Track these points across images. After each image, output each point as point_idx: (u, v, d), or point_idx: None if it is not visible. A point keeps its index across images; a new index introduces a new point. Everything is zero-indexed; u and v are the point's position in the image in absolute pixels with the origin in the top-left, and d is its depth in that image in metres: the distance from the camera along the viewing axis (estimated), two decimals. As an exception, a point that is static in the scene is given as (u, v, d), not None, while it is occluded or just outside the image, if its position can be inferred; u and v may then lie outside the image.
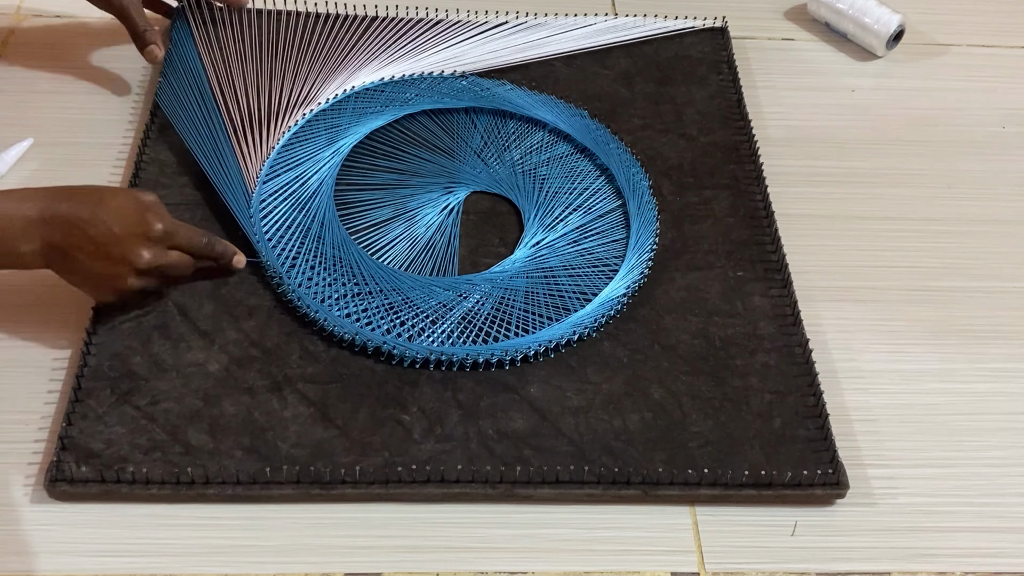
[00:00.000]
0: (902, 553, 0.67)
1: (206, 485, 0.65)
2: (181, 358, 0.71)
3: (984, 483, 0.71)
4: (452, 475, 0.67)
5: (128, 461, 0.66)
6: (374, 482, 0.66)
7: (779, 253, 0.81)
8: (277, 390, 0.70)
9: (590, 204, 0.85)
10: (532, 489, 0.67)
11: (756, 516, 0.68)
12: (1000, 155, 0.94)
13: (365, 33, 0.95)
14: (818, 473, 0.68)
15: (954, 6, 1.07)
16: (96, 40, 0.94)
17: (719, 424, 0.71)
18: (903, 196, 0.89)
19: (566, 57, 0.96)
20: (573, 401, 0.71)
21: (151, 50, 0.86)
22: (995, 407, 0.75)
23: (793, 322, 0.77)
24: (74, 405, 0.68)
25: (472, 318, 0.75)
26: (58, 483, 0.65)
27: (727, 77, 0.96)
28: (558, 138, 0.90)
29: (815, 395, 0.73)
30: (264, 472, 0.66)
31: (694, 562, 0.66)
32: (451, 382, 0.72)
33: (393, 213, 0.83)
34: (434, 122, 0.90)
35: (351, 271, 0.77)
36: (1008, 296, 0.83)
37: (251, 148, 0.84)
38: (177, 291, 0.75)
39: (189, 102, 0.87)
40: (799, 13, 1.05)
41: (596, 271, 0.80)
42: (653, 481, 0.68)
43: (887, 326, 0.80)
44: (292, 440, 0.68)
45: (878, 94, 0.99)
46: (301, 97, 0.89)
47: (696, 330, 0.76)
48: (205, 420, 0.68)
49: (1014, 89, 1.00)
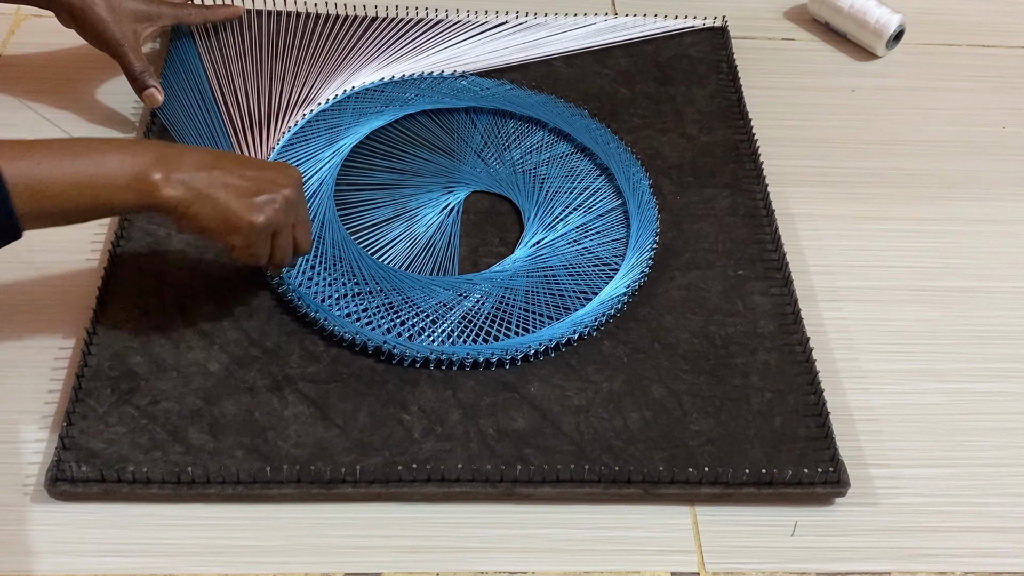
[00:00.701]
0: (902, 553, 0.67)
1: (207, 485, 0.65)
2: (182, 358, 0.71)
3: (984, 483, 0.71)
4: (452, 474, 0.67)
5: (129, 461, 0.66)
6: (374, 481, 0.66)
7: (779, 252, 0.81)
8: (277, 390, 0.70)
9: (590, 203, 0.85)
10: (532, 488, 0.67)
11: (756, 516, 0.68)
12: (1000, 155, 0.94)
13: (365, 33, 0.95)
14: (819, 472, 0.68)
15: (954, 6, 1.07)
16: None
17: (720, 423, 0.71)
18: (903, 196, 0.89)
19: (566, 57, 0.96)
20: (573, 400, 0.71)
21: (150, 93, 0.84)
22: (995, 407, 0.75)
23: (794, 321, 0.77)
24: (75, 405, 0.68)
25: (472, 317, 0.75)
26: (59, 483, 0.65)
27: (727, 76, 0.96)
28: (558, 138, 0.90)
29: (816, 393, 0.72)
30: (265, 472, 0.65)
31: (694, 562, 0.66)
32: (451, 381, 0.72)
33: (393, 213, 0.83)
34: (434, 122, 0.90)
35: (351, 271, 0.77)
36: (1008, 296, 0.83)
37: (251, 149, 0.84)
38: (177, 291, 0.75)
39: (189, 102, 0.87)
40: (799, 13, 1.05)
41: (596, 270, 0.80)
42: (654, 480, 0.68)
43: (887, 326, 0.80)
44: (292, 440, 0.68)
45: (878, 94, 0.99)
46: (301, 97, 0.89)
47: (696, 329, 0.76)
48: (206, 420, 0.68)
49: (1014, 89, 1.00)
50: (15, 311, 0.74)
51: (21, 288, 0.75)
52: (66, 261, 0.77)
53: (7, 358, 0.72)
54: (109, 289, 0.74)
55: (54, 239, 0.78)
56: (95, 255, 0.78)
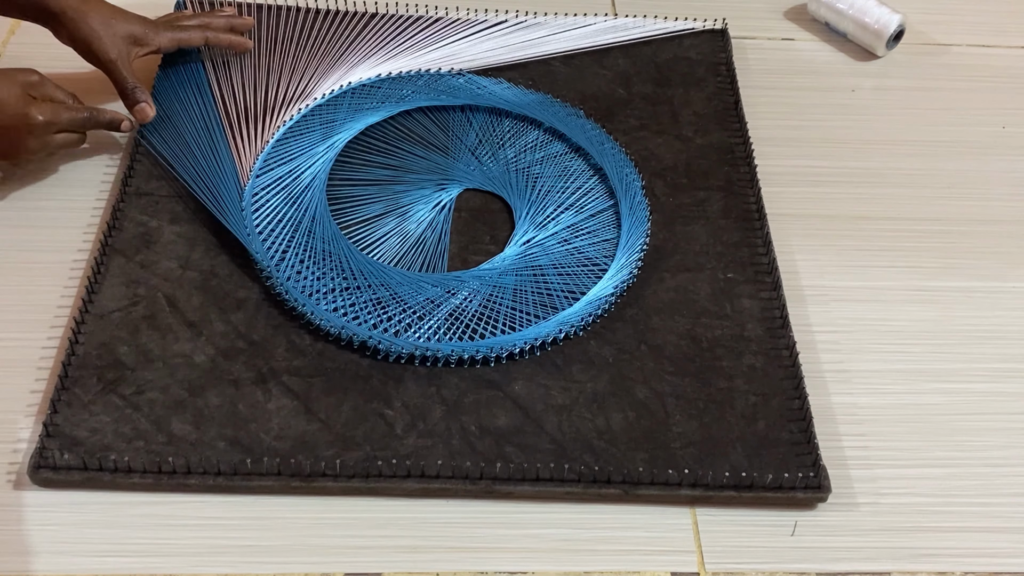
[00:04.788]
0: (902, 553, 0.67)
1: (187, 475, 0.66)
2: (168, 349, 0.72)
3: (984, 483, 0.71)
4: (433, 470, 0.67)
5: (111, 449, 0.66)
6: (355, 475, 0.67)
7: (770, 255, 0.81)
8: (262, 382, 0.71)
9: (582, 203, 0.85)
10: (512, 486, 0.67)
11: (756, 516, 0.68)
12: (1000, 155, 0.93)
13: (363, 29, 0.96)
14: (799, 476, 0.68)
15: (954, 6, 1.07)
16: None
17: (703, 425, 0.71)
18: (903, 196, 0.89)
19: (564, 57, 0.96)
20: (557, 399, 0.71)
21: (141, 108, 0.83)
22: (995, 407, 0.75)
23: (781, 324, 0.77)
24: (60, 393, 0.68)
25: (459, 315, 0.75)
26: (41, 470, 0.65)
27: (725, 79, 0.96)
28: (553, 137, 0.90)
29: (800, 398, 0.72)
30: (245, 463, 0.66)
31: (694, 562, 0.66)
32: (436, 378, 0.72)
33: (385, 209, 0.83)
34: (430, 119, 0.90)
35: (340, 266, 0.77)
36: (1008, 296, 0.82)
37: (246, 142, 0.85)
38: (167, 283, 0.75)
39: (186, 95, 0.88)
40: (799, 13, 1.05)
41: (585, 270, 0.79)
42: (633, 480, 0.67)
43: (887, 326, 0.79)
44: (275, 432, 0.68)
45: (878, 94, 0.98)
46: (297, 92, 0.89)
47: (683, 331, 0.76)
48: (189, 411, 0.69)
49: (1014, 89, 0.99)
50: (4, 297, 0.75)
51: (11, 274, 0.76)
52: (57, 250, 0.78)
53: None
54: (99, 279, 0.75)
55: (47, 227, 0.79)
56: (87, 245, 0.78)
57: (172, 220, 0.79)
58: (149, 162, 0.83)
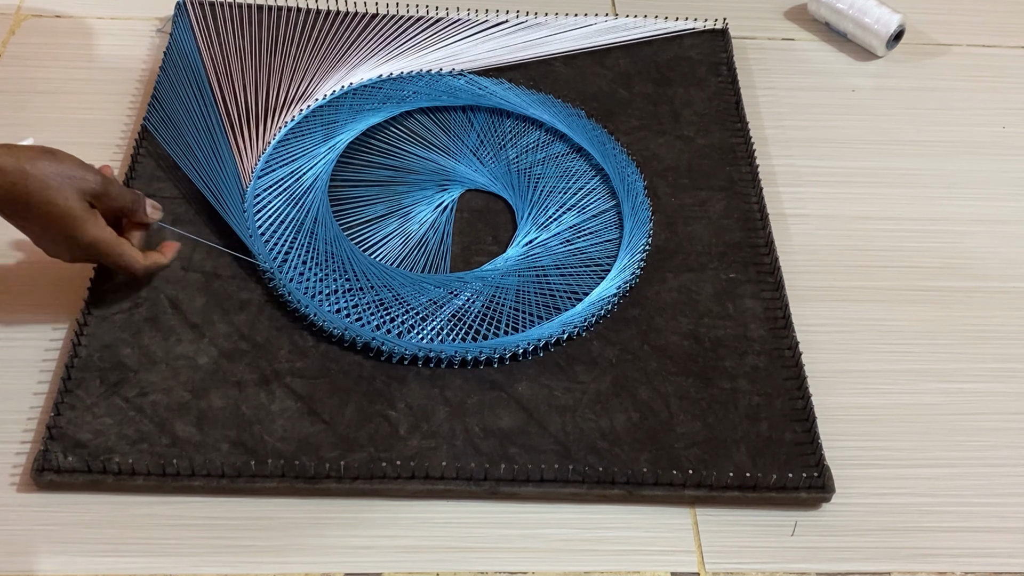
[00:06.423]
0: (901, 553, 0.67)
1: (191, 477, 0.66)
2: (171, 351, 0.72)
3: (984, 483, 0.71)
4: (436, 472, 0.67)
5: (115, 452, 0.66)
6: (358, 477, 0.67)
7: (772, 256, 0.81)
8: (265, 384, 0.71)
9: (584, 204, 0.85)
10: (516, 487, 0.67)
11: (756, 516, 0.68)
12: (1000, 155, 0.93)
13: (365, 30, 0.96)
14: (803, 476, 0.68)
15: (954, 6, 1.07)
16: (96, 40, 0.95)
17: (706, 425, 0.71)
18: (903, 196, 0.89)
19: (565, 57, 0.96)
20: (560, 400, 0.71)
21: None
22: (995, 407, 0.75)
23: (784, 325, 0.77)
24: (63, 395, 0.68)
25: (462, 316, 0.75)
26: (44, 472, 0.65)
27: (726, 79, 0.96)
28: (554, 137, 0.90)
29: (803, 398, 0.72)
30: (249, 465, 0.66)
31: (694, 562, 0.66)
32: (439, 379, 0.72)
33: (387, 210, 0.83)
34: (431, 120, 0.90)
35: (343, 267, 0.77)
36: (1008, 296, 0.82)
37: (247, 143, 0.85)
38: (169, 284, 0.75)
39: (187, 96, 0.87)
40: (799, 13, 1.05)
41: (588, 271, 0.80)
42: (637, 481, 0.68)
43: (887, 326, 0.79)
44: (278, 434, 0.68)
45: (878, 94, 0.98)
46: (299, 93, 0.89)
47: (686, 331, 0.76)
48: (193, 413, 0.69)
49: (1014, 89, 0.99)
50: (7, 300, 0.75)
51: (14, 278, 0.76)
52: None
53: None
54: (101, 281, 0.75)
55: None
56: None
57: (174, 221, 0.79)
58: (151, 164, 0.83)
